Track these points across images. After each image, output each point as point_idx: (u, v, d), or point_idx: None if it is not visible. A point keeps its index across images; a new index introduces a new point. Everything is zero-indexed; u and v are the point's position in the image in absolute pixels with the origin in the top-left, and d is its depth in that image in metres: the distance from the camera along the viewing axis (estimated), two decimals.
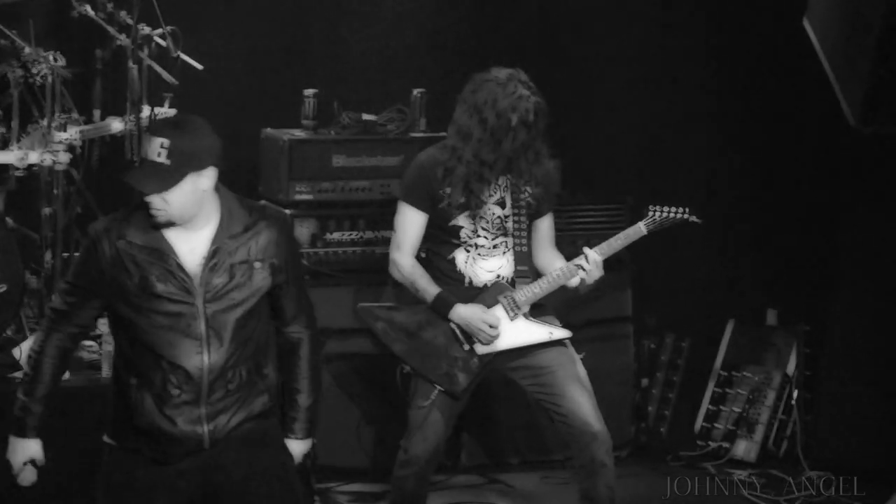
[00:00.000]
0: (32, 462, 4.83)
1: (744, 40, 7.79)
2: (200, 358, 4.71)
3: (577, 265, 5.87)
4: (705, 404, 7.72)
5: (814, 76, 6.38)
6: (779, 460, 7.50)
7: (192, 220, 4.76)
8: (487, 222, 5.89)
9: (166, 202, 4.69)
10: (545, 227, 6.04)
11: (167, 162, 4.66)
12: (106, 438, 4.84)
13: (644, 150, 7.86)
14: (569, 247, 6.15)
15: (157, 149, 4.66)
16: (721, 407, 7.67)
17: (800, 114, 7.67)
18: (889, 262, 7.35)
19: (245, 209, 4.84)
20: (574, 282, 5.90)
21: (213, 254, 4.74)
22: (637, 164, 7.76)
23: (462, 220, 5.89)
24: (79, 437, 5.80)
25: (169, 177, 4.67)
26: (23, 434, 4.82)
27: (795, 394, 7.57)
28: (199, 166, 4.70)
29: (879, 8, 5.50)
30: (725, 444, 7.57)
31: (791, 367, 7.62)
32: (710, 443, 7.60)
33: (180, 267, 4.72)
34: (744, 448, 7.53)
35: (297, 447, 4.93)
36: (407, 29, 7.85)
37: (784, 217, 7.86)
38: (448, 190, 5.85)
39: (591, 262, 5.85)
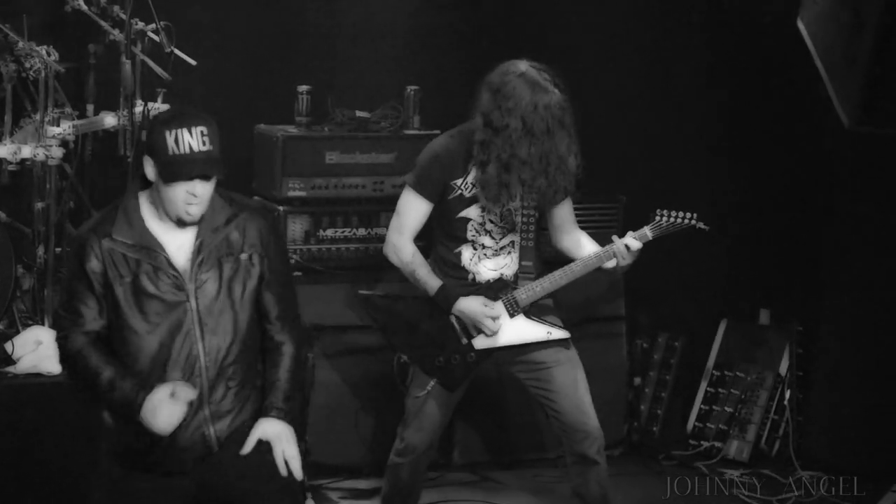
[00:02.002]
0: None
1: (737, 40, 7.79)
2: (197, 355, 4.70)
3: (573, 268, 5.84)
4: (698, 403, 7.72)
5: (807, 76, 6.37)
6: (771, 460, 7.50)
7: None
8: (496, 214, 5.81)
9: (207, 191, 4.67)
10: (564, 211, 5.94)
11: (212, 147, 4.66)
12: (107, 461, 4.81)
13: (638, 149, 7.86)
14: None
15: (200, 137, 4.64)
16: (713, 406, 7.67)
17: (793, 113, 7.67)
18: (881, 262, 7.35)
19: (226, 200, 4.82)
20: (610, 264, 5.85)
21: (199, 248, 4.72)
22: (631, 164, 7.76)
23: (471, 212, 5.81)
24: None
25: (220, 160, 4.67)
26: (137, 412, 4.61)
27: (788, 394, 7.57)
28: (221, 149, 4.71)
29: (877, 7, 5.48)
30: (718, 444, 7.57)
31: (783, 367, 7.61)
32: (702, 442, 7.60)
33: (170, 264, 4.70)
34: (736, 447, 7.53)
35: (273, 427, 4.76)
36: (400, 26, 7.84)
37: (777, 217, 7.86)
38: (459, 182, 5.77)
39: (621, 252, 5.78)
